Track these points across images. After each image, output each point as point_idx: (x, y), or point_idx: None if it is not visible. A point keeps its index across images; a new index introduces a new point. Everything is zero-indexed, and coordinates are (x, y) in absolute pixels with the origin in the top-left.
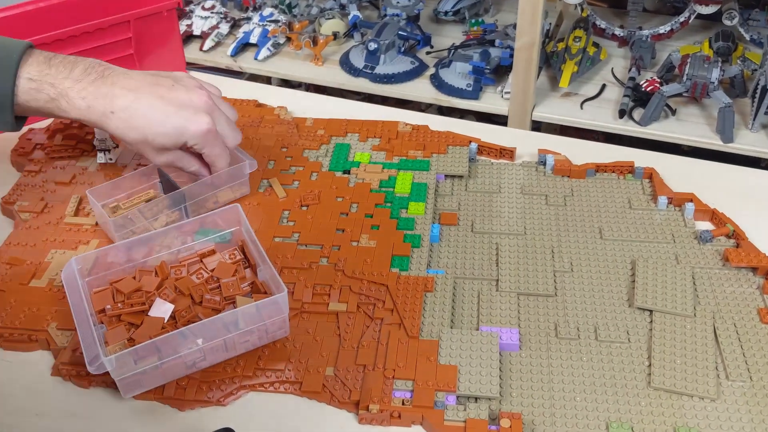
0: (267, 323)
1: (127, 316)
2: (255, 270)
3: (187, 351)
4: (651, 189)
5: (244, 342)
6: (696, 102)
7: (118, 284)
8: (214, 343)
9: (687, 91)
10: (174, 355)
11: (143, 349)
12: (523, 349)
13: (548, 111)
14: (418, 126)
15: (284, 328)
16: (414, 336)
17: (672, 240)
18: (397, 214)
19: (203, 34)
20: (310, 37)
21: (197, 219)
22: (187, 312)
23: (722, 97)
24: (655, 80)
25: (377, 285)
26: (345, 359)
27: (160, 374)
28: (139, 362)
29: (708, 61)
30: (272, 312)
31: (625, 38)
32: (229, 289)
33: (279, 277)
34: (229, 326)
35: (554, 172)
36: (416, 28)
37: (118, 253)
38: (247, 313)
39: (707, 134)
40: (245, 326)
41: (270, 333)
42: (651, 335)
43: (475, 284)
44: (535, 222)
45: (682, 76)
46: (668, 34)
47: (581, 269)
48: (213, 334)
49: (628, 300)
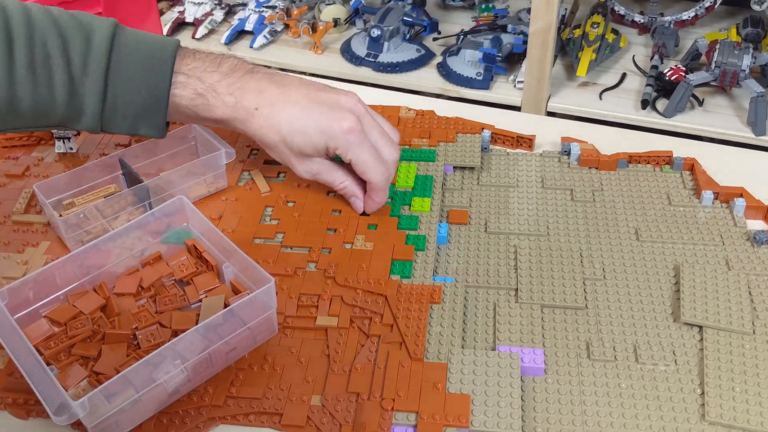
0: (252, 325)
1: (79, 348)
2: (217, 271)
3: (166, 376)
4: (693, 182)
5: (230, 351)
6: (724, 92)
7: (52, 314)
8: (197, 359)
9: (715, 79)
10: (152, 384)
11: (115, 384)
12: (549, 373)
13: (564, 101)
14: (423, 111)
15: (271, 328)
16: (418, 358)
17: (720, 242)
18: (398, 212)
19: (196, 21)
20: (309, 23)
21: (136, 221)
22: (154, 335)
23: (754, 86)
24: (680, 68)
25: (374, 295)
26: (335, 386)
27: (140, 409)
28: (113, 400)
29: (738, 47)
30: (259, 308)
31: (645, 25)
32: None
33: (259, 266)
34: (211, 336)
35: (580, 163)
36: (422, 14)
37: (53, 274)
38: (229, 315)
39: (737, 126)
40: (230, 332)
41: (257, 336)
42: (702, 357)
43: (490, 294)
44: (560, 221)
45: (710, 63)
46: (692, 21)
47: (615, 277)
48: (193, 349)
49: (673, 314)
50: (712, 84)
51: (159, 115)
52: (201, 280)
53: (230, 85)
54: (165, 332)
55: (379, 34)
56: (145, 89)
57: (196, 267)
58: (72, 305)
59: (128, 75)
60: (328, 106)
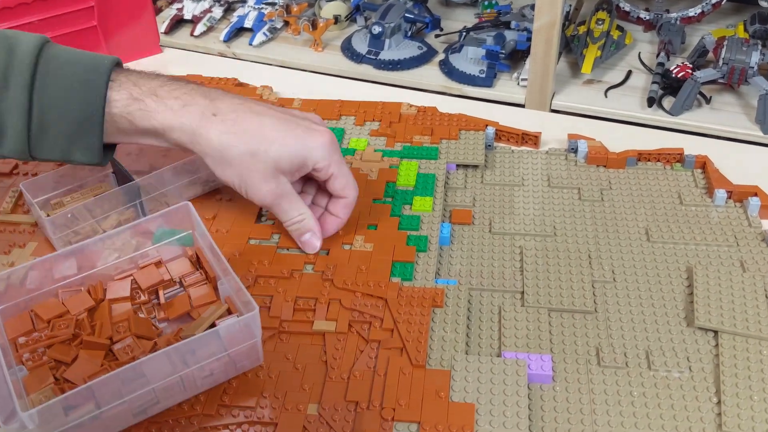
0: (232, 352)
1: (54, 351)
2: (215, 284)
3: (131, 395)
4: (705, 181)
5: (206, 377)
6: (731, 89)
7: (38, 308)
8: (168, 381)
9: (723, 77)
10: (116, 401)
11: (76, 396)
12: (557, 380)
13: (569, 99)
14: (425, 107)
15: (255, 357)
16: (419, 365)
17: (735, 242)
18: (399, 212)
19: (194, 18)
20: (309, 20)
21: (129, 226)
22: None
23: (762, 83)
24: (687, 66)
25: (374, 299)
26: (332, 394)
27: (99, 427)
28: (72, 413)
29: (747, 43)
30: (240, 337)
31: (651, 22)
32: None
33: (247, 291)
34: (186, 358)
35: (588, 161)
36: (424, 10)
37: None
38: (207, 340)
39: (745, 124)
40: (207, 357)
41: (238, 363)
42: (718, 363)
43: (495, 298)
44: (567, 221)
45: (718, 60)
46: (698, 17)
47: (625, 279)
48: (166, 370)
49: (686, 318)
50: (720, 81)
51: (94, 134)
52: (198, 292)
53: (175, 90)
54: (145, 345)
55: (381, 31)
56: (77, 105)
57: (196, 277)
58: (61, 302)
59: (58, 90)
60: (300, 119)
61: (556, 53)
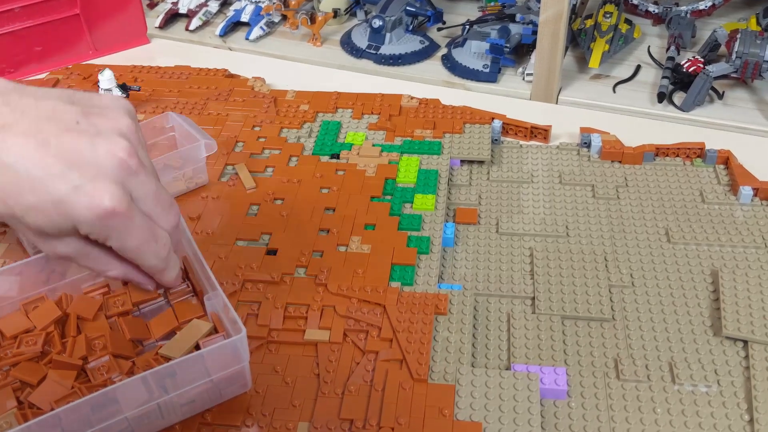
0: (217, 378)
1: (20, 370)
2: (201, 298)
3: (101, 424)
4: (728, 177)
5: (187, 404)
6: (744, 84)
7: (1, 323)
8: (144, 409)
9: (736, 71)
10: (86, 429)
11: (40, 425)
12: (573, 396)
13: (576, 94)
14: (427, 100)
15: (243, 382)
16: (421, 379)
17: (763, 243)
18: (399, 211)
19: (190, 12)
20: (307, 14)
21: None
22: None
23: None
24: (698, 60)
25: (371, 305)
26: (325, 410)
27: None
28: None
29: (761, 36)
30: (225, 361)
31: (660, 15)
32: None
33: (235, 312)
34: (166, 383)
35: (602, 156)
36: (426, 4)
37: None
38: (190, 364)
39: (759, 120)
40: (188, 383)
41: (224, 390)
42: (749, 376)
43: (503, 304)
44: (580, 220)
45: (730, 54)
46: (709, 10)
47: (645, 284)
48: (141, 398)
49: (713, 326)
50: (733, 75)
51: None
52: (183, 307)
53: None
54: (123, 365)
55: (381, 24)
56: None
57: (182, 290)
58: (26, 316)
59: None
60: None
61: (562, 47)
